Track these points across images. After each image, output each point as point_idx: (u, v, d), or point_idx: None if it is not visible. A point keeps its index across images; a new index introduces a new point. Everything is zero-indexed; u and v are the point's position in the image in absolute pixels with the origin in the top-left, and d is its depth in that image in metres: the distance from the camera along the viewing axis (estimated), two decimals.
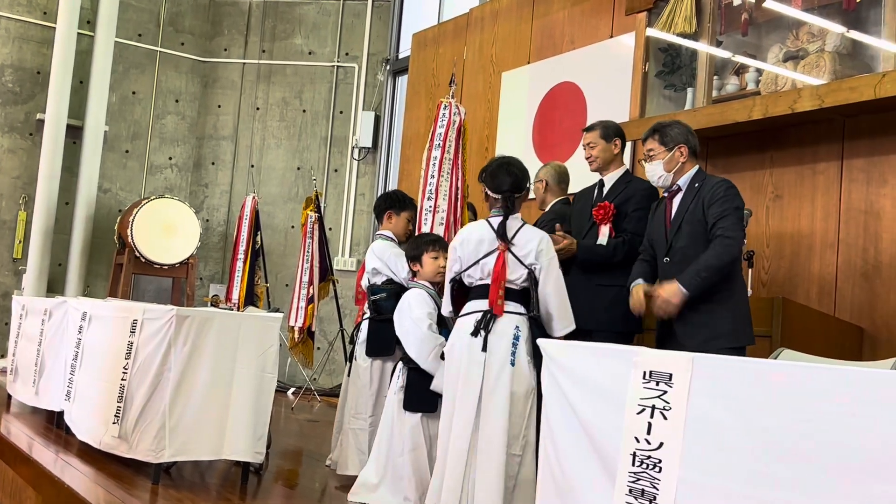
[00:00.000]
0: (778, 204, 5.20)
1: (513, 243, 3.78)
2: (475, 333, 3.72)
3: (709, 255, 3.70)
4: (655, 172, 4.02)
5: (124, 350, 4.45)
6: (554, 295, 3.77)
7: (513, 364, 3.63)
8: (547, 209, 4.94)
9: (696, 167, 3.99)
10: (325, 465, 5.04)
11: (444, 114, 4.62)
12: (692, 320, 3.76)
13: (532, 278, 3.75)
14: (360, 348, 4.68)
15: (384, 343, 4.45)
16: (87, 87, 9.92)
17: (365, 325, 4.68)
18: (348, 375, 5.17)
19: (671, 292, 3.68)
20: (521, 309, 3.74)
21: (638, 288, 3.94)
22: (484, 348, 3.69)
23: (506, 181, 3.91)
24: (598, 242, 4.29)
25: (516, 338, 3.67)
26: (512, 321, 3.71)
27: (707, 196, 3.83)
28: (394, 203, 4.95)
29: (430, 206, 4.52)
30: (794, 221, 5.13)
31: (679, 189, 3.98)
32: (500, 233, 3.81)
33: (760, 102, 4.81)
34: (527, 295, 3.76)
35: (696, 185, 3.92)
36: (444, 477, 3.64)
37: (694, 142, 4.00)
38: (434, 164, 4.55)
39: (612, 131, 4.53)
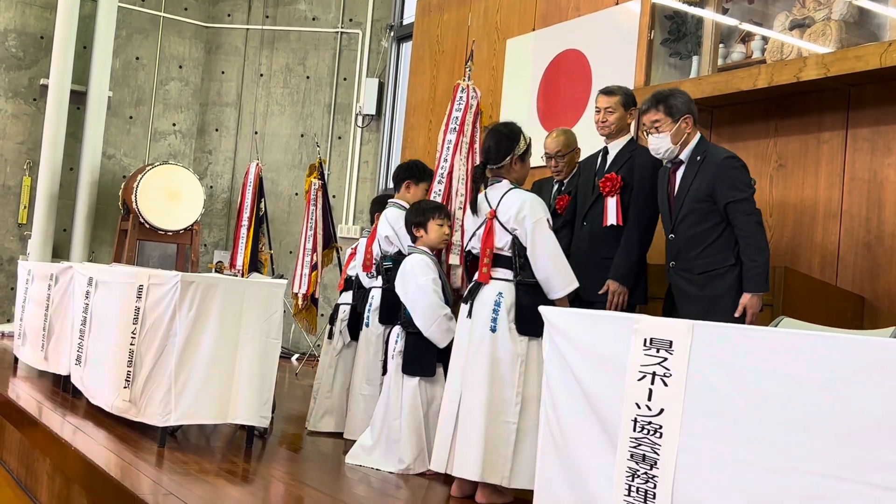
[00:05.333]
0: (782, 173, 5.19)
1: (498, 210, 3.80)
2: (465, 301, 3.81)
3: (751, 250, 3.68)
4: (662, 145, 3.91)
5: (132, 315, 4.49)
6: (545, 258, 3.71)
7: (494, 330, 3.65)
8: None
9: (698, 136, 3.95)
10: (306, 426, 5.18)
11: (461, 97, 4.46)
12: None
13: (516, 244, 3.76)
14: (374, 315, 4.73)
15: (397, 310, 4.50)
16: (91, 53, 9.88)
17: (377, 293, 4.72)
18: (329, 338, 5.29)
19: (752, 304, 3.66)
20: (509, 275, 3.76)
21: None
22: (469, 315, 3.75)
23: (485, 149, 3.97)
24: (610, 222, 4.27)
25: (497, 304, 3.69)
26: (495, 288, 3.73)
27: (712, 174, 3.79)
28: (414, 173, 4.94)
29: (441, 190, 4.44)
30: (798, 190, 5.13)
31: (682, 162, 3.93)
32: (473, 201, 3.94)
33: (766, 71, 4.79)
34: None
35: (699, 157, 3.86)
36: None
37: (696, 110, 3.98)
38: (448, 148, 4.43)
39: (631, 100, 4.49)
